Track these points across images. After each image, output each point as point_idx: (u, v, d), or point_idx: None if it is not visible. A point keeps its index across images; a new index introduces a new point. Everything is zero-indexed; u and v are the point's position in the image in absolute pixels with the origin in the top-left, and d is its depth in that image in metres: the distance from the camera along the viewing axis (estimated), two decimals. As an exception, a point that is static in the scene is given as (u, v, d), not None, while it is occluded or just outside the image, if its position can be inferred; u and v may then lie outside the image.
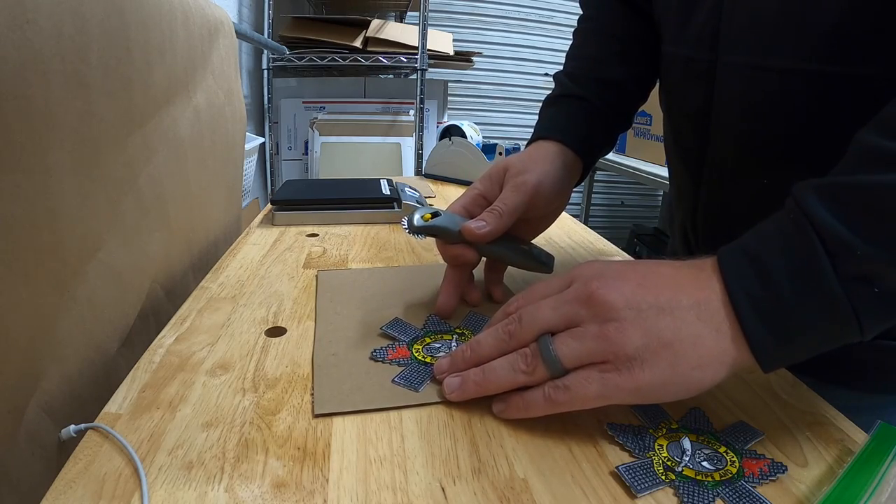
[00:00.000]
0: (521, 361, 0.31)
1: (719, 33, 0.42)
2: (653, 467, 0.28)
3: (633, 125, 2.14)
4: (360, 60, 1.72)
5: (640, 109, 0.59)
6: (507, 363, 0.32)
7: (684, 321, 0.29)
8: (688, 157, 0.51)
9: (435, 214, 0.44)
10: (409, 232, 0.45)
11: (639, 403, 0.31)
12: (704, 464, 0.28)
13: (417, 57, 1.74)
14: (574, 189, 0.53)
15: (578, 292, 0.31)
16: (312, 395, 0.34)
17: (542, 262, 0.49)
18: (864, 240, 0.26)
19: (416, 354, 0.38)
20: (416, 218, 0.44)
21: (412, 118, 1.81)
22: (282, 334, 0.41)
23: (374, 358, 0.38)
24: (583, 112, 0.53)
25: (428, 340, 0.40)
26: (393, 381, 0.35)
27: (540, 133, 0.52)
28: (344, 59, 1.70)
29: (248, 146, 1.08)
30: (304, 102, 1.93)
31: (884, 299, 0.27)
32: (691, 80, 0.46)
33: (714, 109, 0.45)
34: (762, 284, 0.28)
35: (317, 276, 0.53)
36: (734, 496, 0.26)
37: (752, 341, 0.28)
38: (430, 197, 0.89)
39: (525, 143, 0.55)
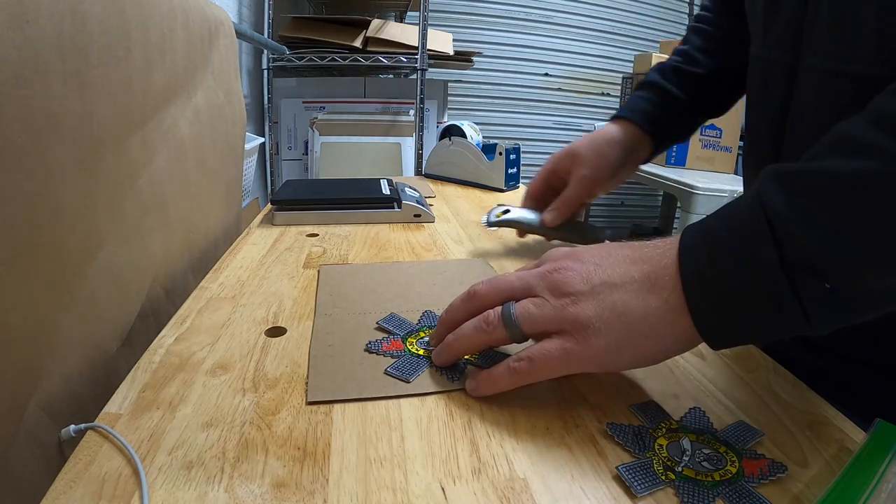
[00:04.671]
0: (483, 321, 0.34)
1: (802, 35, 0.41)
2: (653, 467, 0.28)
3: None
4: (360, 60, 1.72)
5: None
6: (473, 323, 0.35)
7: (635, 294, 0.31)
8: (764, 162, 0.49)
9: (506, 212, 0.61)
10: (487, 225, 0.61)
11: (599, 371, 0.32)
12: (704, 464, 0.28)
13: (417, 57, 1.74)
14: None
15: (542, 270, 0.34)
16: (307, 383, 0.35)
17: (598, 238, 0.61)
18: (812, 230, 0.26)
19: (409, 347, 0.39)
20: (492, 215, 0.61)
21: (412, 118, 1.81)
22: (282, 334, 0.41)
23: (368, 350, 0.38)
24: (657, 97, 0.61)
25: (422, 335, 0.41)
26: (385, 371, 0.36)
27: (619, 112, 0.63)
28: (344, 59, 1.70)
29: (248, 146, 1.08)
30: (304, 102, 1.93)
31: (836, 296, 0.27)
32: (770, 84, 0.45)
33: (790, 115, 0.43)
34: (711, 263, 0.29)
35: (319, 270, 0.53)
36: (734, 496, 0.26)
37: (695, 316, 0.30)
38: (429, 197, 0.89)
39: (524, 142, 0.62)
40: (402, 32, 1.78)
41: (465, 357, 0.38)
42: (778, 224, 0.27)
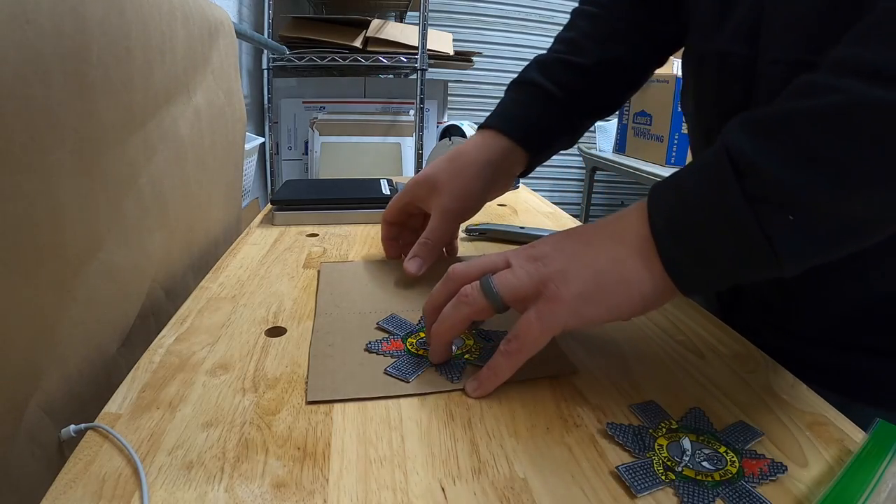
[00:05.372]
0: (462, 294, 0.34)
1: (760, 29, 0.40)
2: (653, 467, 0.28)
3: (633, 125, 2.14)
4: (360, 60, 1.72)
5: (640, 109, 0.60)
6: (453, 302, 0.35)
7: (604, 247, 0.33)
8: None
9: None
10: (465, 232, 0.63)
11: (581, 325, 0.33)
12: (704, 464, 0.28)
13: (417, 57, 1.74)
14: (573, 189, 0.55)
15: (518, 249, 0.36)
16: (307, 383, 0.35)
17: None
18: (773, 162, 0.27)
19: (409, 347, 0.39)
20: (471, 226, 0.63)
21: (412, 118, 1.81)
22: (282, 334, 0.41)
23: (368, 350, 0.39)
24: (533, 100, 0.53)
25: (422, 335, 0.41)
26: (385, 371, 0.36)
27: (487, 121, 0.53)
28: (344, 59, 1.70)
29: (248, 146, 1.08)
30: (304, 102, 1.93)
31: (801, 229, 0.27)
32: (727, 77, 0.44)
33: (753, 107, 0.43)
34: (678, 205, 0.30)
35: (319, 270, 0.53)
36: (734, 496, 0.26)
37: (663, 257, 0.30)
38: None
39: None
40: (402, 32, 1.78)
41: (465, 357, 0.38)
42: (740, 159, 0.28)
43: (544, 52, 0.56)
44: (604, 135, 2.42)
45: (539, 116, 0.52)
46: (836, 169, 0.26)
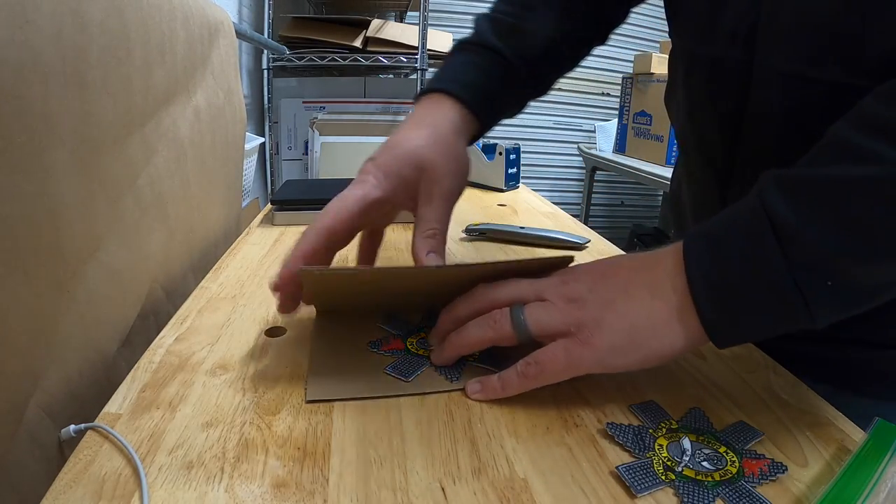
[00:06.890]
0: (490, 318, 0.34)
1: (757, 33, 0.38)
2: (653, 467, 0.28)
3: (633, 125, 2.14)
4: (360, 60, 1.71)
5: (640, 109, 0.58)
6: (478, 321, 0.35)
7: (639, 298, 0.32)
8: (714, 158, 0.47)
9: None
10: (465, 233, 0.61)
11: (606, 372, 0.33)
12: (704, 464, 0.28)
13: (417, 57, 1.74)
14: (573, 189, 0.52)
15: (553, 279, 0.35)
16: (306, 382, 0.35)
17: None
18: (816, 232, 0.27)
19: (409, 347, 0.39)
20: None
21: (412, 118, 1.81)
22: (282, 334, 0.41)
23: (369, 349, 0.39)
24: (491, 67, 0.47)
25: (423, 335, 0.41)
26: (385, 370, 0.36)
27: (438, 84, 0.46)
28: (344, 59, 1.70)
29: (248, 146, 1.07)
30: (304, 102, 1.92)
31: (837, 292, 0.28)
32: (720, 82, 0.43)
33: (748, 113, 0.41)
34: (716, 266, 0.30)
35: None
36: (734, 496, 0.26)
37: (703, 317, 0.30)
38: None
39: (524, 142, 0.53)
40: (402, 32, 1.78)
41: (466, 358, 0.38)
42: (781, 227, 0.28)
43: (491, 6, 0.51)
44: (604, 135, 2.42)
45: (497, 89, 0.47)
46: (877, 239, 0.27)
